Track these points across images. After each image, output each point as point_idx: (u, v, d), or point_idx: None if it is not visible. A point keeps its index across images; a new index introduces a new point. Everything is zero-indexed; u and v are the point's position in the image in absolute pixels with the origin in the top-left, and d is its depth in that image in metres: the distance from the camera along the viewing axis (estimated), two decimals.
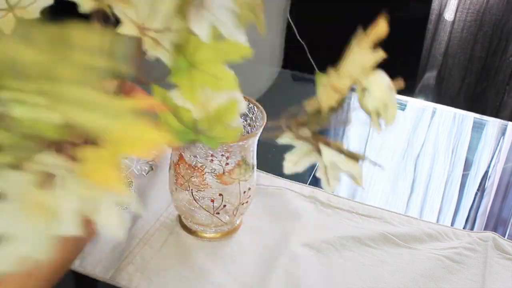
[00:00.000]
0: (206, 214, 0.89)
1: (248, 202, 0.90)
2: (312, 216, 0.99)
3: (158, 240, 0.91)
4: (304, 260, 0.90)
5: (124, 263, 0.87)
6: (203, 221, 0.90)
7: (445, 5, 1.94)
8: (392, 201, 1.09)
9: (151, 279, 0.85)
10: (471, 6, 1.89)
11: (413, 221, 0.99)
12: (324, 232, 0.96)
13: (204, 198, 0.87)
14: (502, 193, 1.13)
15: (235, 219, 0.92)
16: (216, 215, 0.89)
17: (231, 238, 0.93)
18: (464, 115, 1.33)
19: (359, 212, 1.00)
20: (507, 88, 1.94)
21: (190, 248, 0.91)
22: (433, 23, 1.99)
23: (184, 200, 0.89)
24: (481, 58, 1.98)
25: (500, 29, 1.90)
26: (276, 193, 1.03)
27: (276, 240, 0.93)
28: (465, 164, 1.19)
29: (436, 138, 1.26)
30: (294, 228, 0.95)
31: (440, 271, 0.90)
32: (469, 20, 1.91)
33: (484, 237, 0.96)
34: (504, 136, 1.28)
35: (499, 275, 0.90)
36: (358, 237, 0.95)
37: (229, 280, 0.86)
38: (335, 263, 0.90)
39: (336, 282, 0.87)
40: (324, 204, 1.01)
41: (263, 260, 0.89)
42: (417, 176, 1.16)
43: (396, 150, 1.23)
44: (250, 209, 0.96)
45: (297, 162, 0.53)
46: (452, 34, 1.95)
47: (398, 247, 0.94)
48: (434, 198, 1.11)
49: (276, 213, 0.99)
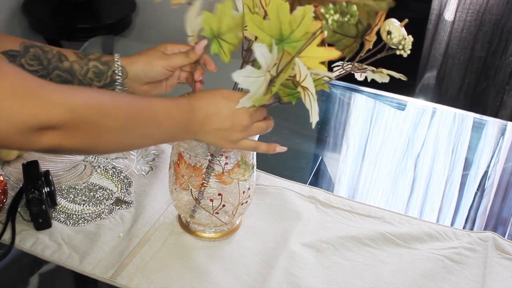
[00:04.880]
0: (205, 214, 0.89)
1: (247, 202, 0.90)
2: (312, 216, 0.99)
3: (158, 240, 0.91)
4: (304, 260, 0.90)
5: (124, 263, 0.87)
6: (203, 221, 0.90)
7: (445, 5, 1.93)
8: (392, 201, 1.09)
9: (151, 278, 0.85)
10: (471, 6, 1.89)
11: (413, 221, 0.99)
12: (324, 232, 0.96)
13: (203, 198, 0.87)
14: (502, 193, 1.13)
15: (234, 219, 0.92)
16: (216, 215, 0.89)
17: (231, 238, 0.93)
18: (464, 115, 1.33)
19: (359, 212, 1.00)
20: (507, 88, 1.94)
21: (190, 247, 0.91)
22: (433, 23, 1.99)
23: (183, 200, 0.89)
24: (481, 58, 1.98)
25: (500, 29, 1.90)
26: (276, 193, 1.03)
27: (276, 240, 0.93)
28: (465, 164, 1.19)
29: (436, 138, 1.26)
30: (294, 228, 0.95)
31: (440, 271, 0.90)
32: (469, 20, 1.91)
33: (484, 237, 0.96)
34: (504, 136, 1.28)
35: (499, 275, 0.90)
36: (358, 237, 0.95)
37: (229, 279, 0.86)
38: (335, 263, 0.90)
39: (336, 282, 0.87)
40: (324, 204, 1.01)
41: (263, 260, 0.89)
42: (417, 176, 1.16)
43: (396, 150, 1.23)
44: (250, 209, 0.96)
45: None
46: (452, 34, 1.95)
47: (398, 247, 0.94)
48: (434, 198, 1.11)
49: (276, 213, 0.98)
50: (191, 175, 0.85)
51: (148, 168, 1.07)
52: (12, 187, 0.98)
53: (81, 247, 0.89)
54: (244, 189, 0.88)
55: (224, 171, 0.84)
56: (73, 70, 0.86)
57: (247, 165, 0.86)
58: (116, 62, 0.86)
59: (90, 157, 1.08)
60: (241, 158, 0.85)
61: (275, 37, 0.71)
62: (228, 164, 0.84)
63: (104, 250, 0.89)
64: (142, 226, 0.93)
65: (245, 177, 0.87)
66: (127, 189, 1.01)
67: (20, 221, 0.92)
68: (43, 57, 0.84)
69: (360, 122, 1.31)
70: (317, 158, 1.18)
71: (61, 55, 0.85)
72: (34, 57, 0.84)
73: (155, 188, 1.02)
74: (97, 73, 0.87)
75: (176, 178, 0.87)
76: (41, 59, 0.84)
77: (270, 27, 0.71)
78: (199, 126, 0.77)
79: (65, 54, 0.86)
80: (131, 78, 0.87)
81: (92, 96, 0.68)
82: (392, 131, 1.28)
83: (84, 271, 0.85)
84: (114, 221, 0.94)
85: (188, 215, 0.91)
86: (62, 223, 0.93)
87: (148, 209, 0.97)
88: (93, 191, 0.99)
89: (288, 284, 0.86)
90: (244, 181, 0.87)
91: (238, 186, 0.86)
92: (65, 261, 0.87)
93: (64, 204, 0.96)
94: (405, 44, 0.76)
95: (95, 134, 0.68)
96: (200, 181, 0.85)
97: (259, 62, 0.70)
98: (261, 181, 1.05)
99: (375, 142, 1.25)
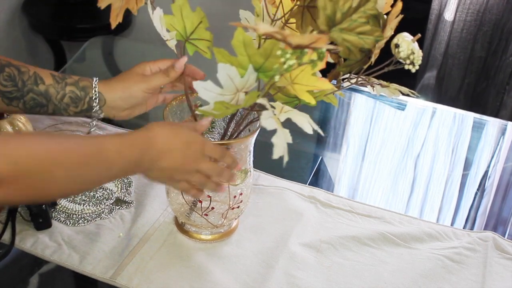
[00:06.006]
0: (196, 215, 0.88)
1: (240, 207, 0.89)
2: (312, 216, 0.99)
3: (158, 240, 0.91)
4: (304, 260, 0.90)
5: (124, 263, 0.87)
6: (197, 222, 0.89)
7: (445, 5, 1.93)
8: (392, 201, 1.09)
9: (151, 278, 0.85)
10: (471, 6, 1.89)
11: (413, 221, 0.99)
12: (324, 232, 0.95)
13: (193, 198, 0.86)
14: (502, 193, 1.13)
15: (227, 222, 0.91)
16: (205, 217, 0.88)
17: (230, 238, 0.93)
18: (464, 115, 1.33)
19: (359, 212, 1.00)
20: (507, 88, 1.94)
21: (190, 247, 0.91)
22: (433, 23, 1.99)
23: (177, 201, 0.89)
24: (481, 58, 1.98)
25: (500, 29, 1.89)
26: (276, 193, 1.03)
27: (276, 240, 0.93)
28: (465, 164, 1.19)
29: (436, 138, 1.26)
30: (294, 228, 0.95)
31: (440, 271, 0.90)
32: (469, 20, 1.91)
33: (484, 237, 0.96)
34: (504, 136, 1.28)
35: (499, 275, 0.90)
36: (358, 237, 0.95)
37: (228, 279, 0.86)
38: (335, 263, 0.90)
39: (336, 282, 0.87)
40: (324, 204, 1.01)
41: (263, 260, 0.89)
42: (417, 176, 1.16)
43: (396, 150, 1.23)
44: (250, 209, 0.96)
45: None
46: (452, 34, 1.95)
47: (398, 247, 0.94)
48: (434, 198, 1.11)
49: (276, 213, 0.98)
50: None
51: None
52: None
53: (81, 247, 0.89)
54: (236, 194, 0.87)
55: None
56: (48, 94, 0.84)
57: (239, 170, 0.85)
58: (94, 88, 0.85)
59: None
60: None
61: (244, 68, 0.69)
62: None
63: (104, 250, 0.89)
64: (142, 226, 0.93)
65: (237, 182, 0.85)
66: (127, 189, 1.01)
67: (20, 221, 0.92)
68: (18, 78, 0.82)
69: (360, 122, 1.31)
70: (317, 158, 1.18)
71: (37, 77, 0.83)
72: (9, 78, 0.81)
73: (155, 188, 1.01)
74: (73, 98, 0.85)
75: None
76: (16, 80, 0.82)
77: (238, 61, 0.69)
78: (150, 163, 0.73)
79: (41, 76, 0.84)
80: (109, 105, 0.86)
81: (37, 146, 0.64)
82: (392, 131, 1.28)
83: (84, 271, 0.85)
84: (114, 221, 0.94)
85: (182, 216, 0.90)
86: (62, 223, 0.93)
87: (148, 209, 0.97)
88: (93, 191, 0.99)
89: (288, 284, 0.86)
90: (235, 185, 0.86)
91: (228, 190, 0.86)
92: (65, 261, 0.87)
93: (64, 204, 0.96)
94: (414, 59, 0.74)
95: (42, 185, 0.64)
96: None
97: (221, 82, 0.68)
98: (261, 181, 1.05)
99: (375, 142, 1.25)
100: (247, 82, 0.69)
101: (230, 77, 0.68)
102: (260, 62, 0.68)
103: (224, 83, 0.68)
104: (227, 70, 0.67)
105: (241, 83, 0.69)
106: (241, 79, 0.69)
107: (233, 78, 0.68)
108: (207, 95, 0.69)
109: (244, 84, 0.69)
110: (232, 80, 0.68)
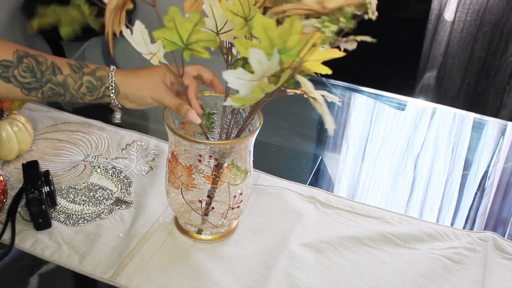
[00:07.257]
0: (196, 215, 0.88)
1: (240, 207, 0.89)
2: (312, 216, 0.99)
3: (158, 240, 0.91)
4: (304, 260, 0.90)
5: (123, 263, 0.87)
6: (196, 222, 0.89)
7: (445, 5, 1.93)
8: (392, 201, 1.09)
9: (151, 279, 0.85)
10: (471, 6, 1.89)
11: (413, 221, 0.99)
12: (324, 232, 0.96)
13: (193, 198, 0.86)
14: (502, 193, 1.13)
15: (227, 222, 0.91)
16: (205, 217, 0.88)
17: (230, 238, 0.93)
18: (464, 115, 1.33)
19: (359, 212, 1.00)
20: (507, 88, 1.94)
21: (190, 247, 0.91)
22: (433, 23, 1.99)
23: (177, 200, 0.89)
24: (481, 58, 1.98)
25: (500, 29, 1.90)
26: (276, 193, 1.03)
27: (276, 240, 0.93)
28: (465, 164, 1.19)
29: (436, 138, 1.26)
30: (294, 228, 0.95)
31: (440, 271, 0.90)
32: (469, 20, 1.91)
33: (484, 237, 0.96)
34: (504, 136, 1.28)
35: (499, 275, 0.90)
36: (358, 237, 0.95)
37: (228, 279, 0.86)
38: (335, 263, 0.90)
39: (336, 282, 0.87)
40: (324, 204, 1.01)
41: (262, 260, 0.89)
42: (417, 176, 1.16)
43: (396, 150, 1.23)
44: (250, 209, 0.96)
45: None
46: (452, 34, 1.95)
47: (398, 247, 0.94)
48: (434, 198, 1.11)
49: (276, 213, 0.98)
50: (181, 174, 0.85)
51: (148, 168, 1.07)
52: (12, 187, 0.98)
53: (81, 247, 0.89)
54: (236, 194, 0.87)
55: (213, 173, 0.84)
56: (66, 84, 0.85)
57: (239, 170, 0.85)
58: (111, 79, 0.86)
59: (90, 157, 1.08)
60: (232, 162, 0.84)
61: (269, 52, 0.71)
62: (218, 166, 0.83)
63: (103, 250, 0.89)
64: (141, 226, 0.93)
65: (237, 182, 0.86)
66: (127, 189, 1.01)
67: (20, 221, 0.92)
68: (36, 69, 0.83)
69: (360, 122, 1.31)
70: (317, 158, 1.18)
71: (55, 67, 0.84)
72: (28, 69, 0.83)
73: (155, 188, 1.02)
74: (90, 88, 0.86)
75: (169, 175, 0.87)
76: (35, 71, 0.83)
77: (261, 47, 0.70)
78: None
79: (59, 65, 0.85)
80: (121, 96, 0.87)
81: None
82: (392, 131, 1.28)
83: (83, 271, 0.85)
84: (114, 221, 0.94)
85: (182, 216, 0.90)
86: (62, 223, 0.93)
87: (148, 209, 0.97)
88: (93, 191, 0.99)
89: (288, 285, 0.86)
90: (235, 185, 0.86)
91: (228, 190, 0.86)
92: (65, 261, 0.87)
93: (64, 204, 0.96)
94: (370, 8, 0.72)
95: None
96: (190, 181, 0.85)
97: (253, 68, 0.69)
98: (261, 181, 1.05)
99: (375, 142, 1.25)
100: (271, 66, 0.71)
101: (259, 62, 0.69)
102: (282, 43, 0.70)
103: (255, 68, 0.70)
104: (257, 55, 0.68)
105: (267, 67, 0.70)
106: (268, 62, 0.70)
107: (262, 62, 0.69)
108: (237, 83, 0.70)
109: (268, 68, 0.70)
110: (261, 65, 0.69)
